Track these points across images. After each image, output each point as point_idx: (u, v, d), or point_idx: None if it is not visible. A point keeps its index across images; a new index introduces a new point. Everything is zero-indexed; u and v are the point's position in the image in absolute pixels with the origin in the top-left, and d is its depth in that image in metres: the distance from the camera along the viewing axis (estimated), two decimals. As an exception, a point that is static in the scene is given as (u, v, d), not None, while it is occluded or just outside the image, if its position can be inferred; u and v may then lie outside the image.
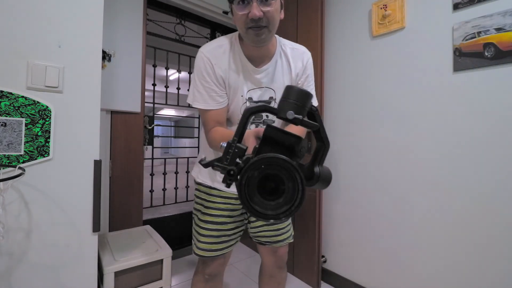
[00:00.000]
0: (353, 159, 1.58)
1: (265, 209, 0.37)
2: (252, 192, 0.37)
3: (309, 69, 0.92)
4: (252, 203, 0.37)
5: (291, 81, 0.89)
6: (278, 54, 0.87)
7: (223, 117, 0.84)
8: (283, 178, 0.37)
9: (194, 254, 0.93)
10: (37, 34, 0.89)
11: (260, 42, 0.76)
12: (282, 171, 0.37)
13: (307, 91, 0.45)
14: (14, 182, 0.83)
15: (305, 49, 0.93)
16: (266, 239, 0.97)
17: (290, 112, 0.42)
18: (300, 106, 0.44)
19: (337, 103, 1.67)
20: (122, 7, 1.65)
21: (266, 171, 0.37)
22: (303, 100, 0.44)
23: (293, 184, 0.37)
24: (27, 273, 0.87)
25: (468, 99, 1.14)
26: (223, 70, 0.81)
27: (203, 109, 0.82)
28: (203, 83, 0.80)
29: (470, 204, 1.13)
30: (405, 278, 1.33)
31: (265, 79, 0.85)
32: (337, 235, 1.65)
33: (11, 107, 0.85)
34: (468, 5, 1.13)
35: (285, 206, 0.37)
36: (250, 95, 0.85)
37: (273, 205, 0.38)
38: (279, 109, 0.45)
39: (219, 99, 0.82)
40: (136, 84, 1.72)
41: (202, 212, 0.91)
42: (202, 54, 0.81)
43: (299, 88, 0.45)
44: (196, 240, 0.92)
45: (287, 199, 0.37)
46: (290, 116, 0.42)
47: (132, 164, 1.75)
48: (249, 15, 0.70)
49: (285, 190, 0.37)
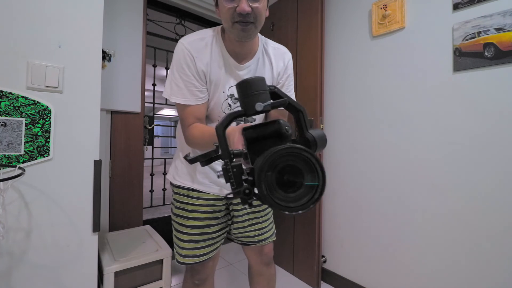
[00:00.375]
0: (353, 159, 1.58)
1: (286, 202, 0.36)
2: (273, 189, 0.36)
3: (290, 69, 0.91)
4: (275, 199, 0.36)
5: (272, 80, 0.88)
6: (261, 51, 0.85)
7: (202, 113, 0.80)
8: (299, 167, 0.36)
9: (177, 263, 0.88)
10: (37, 34, 0.89)
11: (246, 38, 0.74)
12: (296, 160, 0.36)
13: (255, 76, 0.44)
14: (14, 182, 0.83)
15: (286, 49, 0.92)
16: (249, 239, 0.95)
17: (258, 104, 0.42)
18: (262, 93, 0.43)
19: (337, 103, 1.67)
20: (122, 7, 1.65)
21: (280, 165, 0.36)
22: (260, 86, 0.43)
23: (310, 170, 0.36)
24: (27, 273, 0.87)
25: (468, 99, 1.14)
26: (204, 64, 0.77)
27: (181, 104, 0.78)
28: (182, 77, 0.76)
29: (470, 204, 1.13)
30: (405, 278, 1.33)
31: (247, 75, 0.82)
32: (337, 235, 1.65)
33: (11, 107, 0.85)
34: (468, 5, 1.13)
35: (306, 196, 0.36)
36: (232, 91, 0.82)
37: (293, 197, 0.36)
38: (245, 108, 0.44)
39: (199, 94, 0.78)
40: (136, 84, 1.72)
41: (184, 216, 0.86)
42: (183, 45, 0.77)
43: (248, 78, 0.44)
44: (179, 247, 0.87)
45: (308, 188, 0.36)
46: (260, 108, 0.42)
47: (132, 164, 1.75)
48: (238, 9, 0.69)
49: (303, 179, 0.36)
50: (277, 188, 0.36)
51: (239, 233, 0.94)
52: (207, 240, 0.86)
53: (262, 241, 0.95)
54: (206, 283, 0.92)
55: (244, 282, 1.72)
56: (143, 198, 1.83)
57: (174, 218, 0.89)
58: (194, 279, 0.90)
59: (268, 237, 0.97)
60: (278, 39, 1.89)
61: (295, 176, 0.36)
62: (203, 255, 0.86)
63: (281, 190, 0.36)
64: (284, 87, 0.91)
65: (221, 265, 1.90)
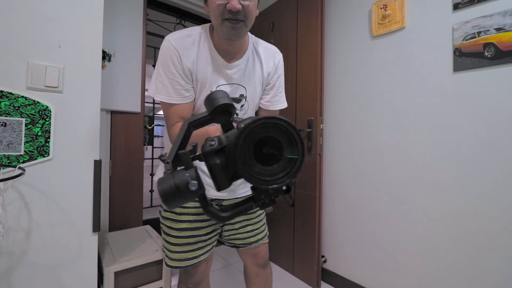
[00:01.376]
0: (353, 159, 1.58)
1: (263, 176, 0.34)
2: (250, 162, 0.34)
3: (280, 70, 0.90)
4: (252, 173, 0.34)
5: (262, 80, 0.86)
6: (250, 51, 0.83)
7: (187, 112, 0.78)
8: (280, 141, 0.34)
9: (167, 267, 0.87)
10: (37, 34, 0.89)
11: (235, 36, 0.72)
12: (279, 134, 0.34)
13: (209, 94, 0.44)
14: (14, 182, 0.83)
15: (277, 49, 0.90)
16: (240, 241, 0.92)
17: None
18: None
19: (337, 103, 1.67)
20: (122, 7, 1.65)
21: (263, 133, 0.34)
22: (212, 100, 0.43)
23: (289, 142, 0.34)
24: (27, 273, 0.87)
25: (468, 99, 1.14)
26: (191, 62, 0.75)
27: (166, 103, 0.76)
28: (167, 74, 0.74)
29: (470, 204, 1.13)
30: (405, 278, 1.33)
31: (236, 75, 0.80)
32: (337, 235, 1.65)
33: (11, 107, 0.85)
34: (468, 5, 1.13)
35: (281, 173, 0.34)
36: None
37: (271, 170, 0.34)
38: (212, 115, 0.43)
39: (184, 93, 0.76)
40: (136, 84, 1.72)
41: (174, 219, 0.84)
42: (169, 42, 0.74)
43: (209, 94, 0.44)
44: (168, 251, 0.85)
45: (286, 162, 0.34)
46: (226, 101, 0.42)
47: (132, 164, 1.75)
48: (228, 6, 0.67)
49: (283, 152, 0.34)
50: (254, 161, 0.34)
51: (229, 235, 0.92)
52: (197, 242, 0.84)
53: (253, 243, 0.93)
54: (201, 286, 0.90)
55: (244, 282, 1.72)
56: (143, 198, 1.83)
57: (163, 221, 0.87)
58: (188, 282, 0.88)
59: (260, 239, 0.94)
60: (278, 39, 1.90)
61: (274, 148, 0.34)
62: (194, 258, 0.84)
63: (259, 163, 0.34)
64: (274, 88, 0.89)
65: (221, 265, 1.90)
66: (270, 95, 0.90)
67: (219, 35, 0.75)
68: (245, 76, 0.82)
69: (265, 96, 0.90)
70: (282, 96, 0.93)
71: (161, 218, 0.88)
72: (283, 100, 0.93)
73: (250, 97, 0.85)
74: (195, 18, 2.21)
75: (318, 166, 1.63)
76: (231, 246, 0.96)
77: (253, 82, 0.84)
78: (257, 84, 0.85)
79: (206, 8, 0.76)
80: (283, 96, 0.93)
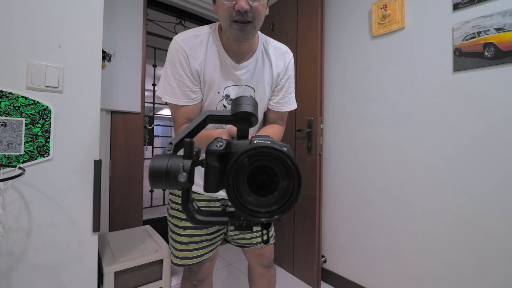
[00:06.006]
0: (353, 159, 1.58)
1: (257, 206, 0.33)
2: (242, 185, 0.32)
3: (291, 70, 0.88)
4: (245, 203, 0.32)
5: (272, 81, 0.85)
6: (260, 51, 0.81)
7: (194, 114, 0.77)
8: (277, 172, 0.32)
9: (172, 264, 0.88)
10: (37, 34, 0.89)
11: (244, 38, 0.71)
12: (277, 164, 0.32)
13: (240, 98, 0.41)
14: (14, 182, 0.83)
15: (287, 49, 0.88)
16: (245, 241, 0.93)
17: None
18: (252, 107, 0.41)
19: (337, 103, 1.67)
20: (122, 7, 1.65)
21: (259, 162, 0.32)
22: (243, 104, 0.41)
23: (287, 179, 0.32)
24: (27, 273, 0.87)
25: (468, 99, 1.14)
26: (198, 63, 0.74)
27: (173, 104, 0.76)
28: (175, 75, 0.74)
29: (470, 204, 1.13)
30: (405, 278, 1.33)
31: (245, 76, 0.79)
32: (337, 235, 1.65)
33: (11, 107, 0.85)
34: (468, 5, 1.13)
35: (275, 205, 0.33)
36: (227, 92, 0.78)
37: (265, 201, 0.33)
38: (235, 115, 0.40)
39: (191, 95, 0.75)
40: (136, 84, 1.72)
41: (179, 217, 0.85)
42: (177, 43, 0.74)
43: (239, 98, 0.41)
44: (174, 248, 0.86)
45: (280, 196, 0.33)
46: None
47: (132, 164, 1.75)
48: (236, 7, 0.65)
49: (278, 186, 0.33)
50: (248, 191, 0.32)
51: (235, 235, 0.92)
52: (202, 241, 0.85)
53: (259, 243, 0.93)
54: (204, 284, 0.91)
55: (245, 282, 1.72)
56: (143, 198, 1.83)
57: (170, 219, 0.88)
58: (192, 279, 0.89)
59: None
60: (278, 39, 1.89)
61: (269, 178, 0.33)
62: (198, 256, 0.85)
63: (253, 193, 0.33)
64: (284, 89, 0.87)
65: (221, 265, 1.90)
66: (279, 96, 0.88)
67: (228, 36, 0.74)
68: (254, 77, 0.81)
69: (274, 98, 0.88)
70: (291, 98, 0.91)
71: (168, 216, 0.89)
72: (292, 102, 0.91)
73: (258, 98, 0.83)
74: (195, 18, 2.21)
75: (318, 166, 1.63)
76: (236, 245, 0.96)
77: (262, 84, 0.82)
78: (266, 85, 0.84)
79: (215, 8, 0.74)
80: (292, 98, 0.91)
